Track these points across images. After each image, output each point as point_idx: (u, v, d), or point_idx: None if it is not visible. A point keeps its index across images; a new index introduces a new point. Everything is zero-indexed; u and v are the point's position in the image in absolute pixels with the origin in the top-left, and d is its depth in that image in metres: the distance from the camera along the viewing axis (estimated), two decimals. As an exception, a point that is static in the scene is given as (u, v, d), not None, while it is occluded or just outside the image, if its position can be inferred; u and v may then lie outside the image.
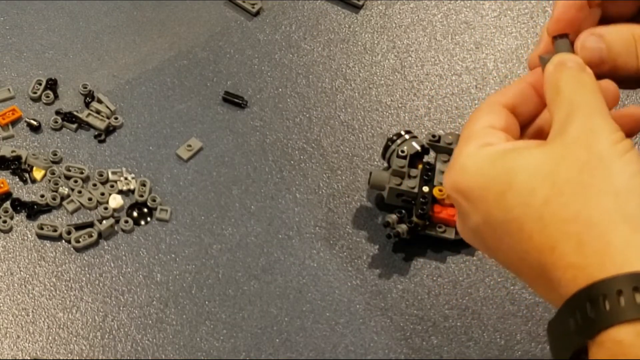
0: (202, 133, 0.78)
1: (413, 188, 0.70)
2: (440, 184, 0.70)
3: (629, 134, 0.53)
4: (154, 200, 0.73)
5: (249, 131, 0.78)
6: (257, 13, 0.86)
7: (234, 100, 0.80)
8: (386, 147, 0.74)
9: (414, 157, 0.72)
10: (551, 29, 0.55)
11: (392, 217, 0.70)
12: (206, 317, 0.68)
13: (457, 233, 0.65)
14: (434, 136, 0.72)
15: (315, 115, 0.80)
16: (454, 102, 0.82)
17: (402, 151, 0.71)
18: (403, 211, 0.70)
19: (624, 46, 0.52)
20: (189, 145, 0.77)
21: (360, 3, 0.87)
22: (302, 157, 0.77)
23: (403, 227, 0.70)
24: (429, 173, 0.71)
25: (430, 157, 0.73)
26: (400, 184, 0.70)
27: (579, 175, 0.48)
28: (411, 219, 0.70)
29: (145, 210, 0.73)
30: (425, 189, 0.70)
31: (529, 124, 0.55)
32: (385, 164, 0.75)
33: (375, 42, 0.86)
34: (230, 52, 0.83)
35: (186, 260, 0.71)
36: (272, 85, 0.82)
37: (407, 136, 0.73)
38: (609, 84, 0.53)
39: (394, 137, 0.73)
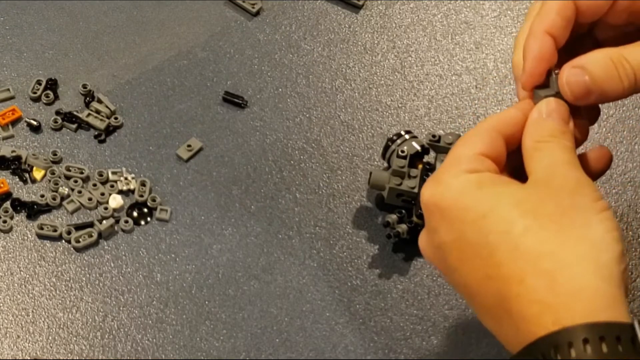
0: (202, 133, 0.78)
1: (413, 188, 0.70)
2: None
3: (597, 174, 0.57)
4: (154, 200, 0.73)
5: (249, 131, 0.78)
6: (257, 13, 0.86)
7: (234, 100, 0.80)
8: (386, 147, 0.74)
9: (414, 157, 0.72)
10: (526, 84, 0.56)
11: (392, 217, 0.70)
12: (206, 317, 0.68)
13: None
14: (434, 136, 0.72)
15: (315, 115, 0.80)
16: (454, 102, 0.82)
17: (402, 151, 0.71)
18: (403, 211, 0.70)
19: (605, 72, 0.53)
20: (189, 145, 0.77)
21: (360, 3, 0.87)
22: (302, 157, 0.77)
23: (403, 227, 0.70)
24: (429, 173, 0.71)
25: (430, 157, 0.73)
26: (400, 184, 0.70)
27: (560, 218, 0.49)
28: (411, 219, 0.70)
29: (145, 210, 0.73)
30: None
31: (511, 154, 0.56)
32: (385, 164, 0.75)
33: (375, 42, 0.86)
34: (230, 52, 0.83)
35: (186, 260, 0.71)
36: (272, 85, 0.82)
37: (407, 136, 0.73)
38: (581, 124, 0.56)
39: (394, 137, 0.73)
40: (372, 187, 0.72)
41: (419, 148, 0.72)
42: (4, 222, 0.71)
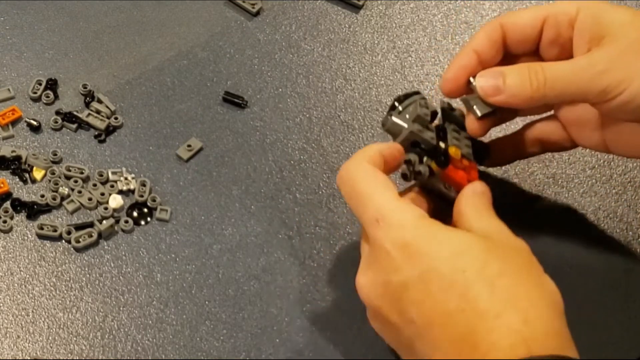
0: (202, 133, 0.78)
1: (432, 139, 0.64)
2: (456, 146, 0.66)
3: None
4: (154, 200, 0.73)
5: (249, 131, 0.78)
6: (257, 13, 0.86)
7: (234, 100, 0.80)
8: (399, 100, 0.67)
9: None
10: (443, 88, 0.66)
11: (414, 156, 0.64)
12: (206, 317, 0.68)
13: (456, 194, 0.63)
14: (448, 103, 0.69)
15: (315, 115, 0.80)
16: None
17: (425, 102, 0.66)
18: (420, 152, 0.65)
19: (519, 76, 0.61)
20: (189, 145, 0.77)
21: (360, 3, 0.87)
22: (302, 157, 0.77)
23: (424, 168, 0.63)
24: (443, 134, 0.67)
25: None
26: (421, 131, 0.64)
27: (526, 267, 0.55)
28: (429, 164, 0.64)
29: (145, 210, 0.73)
30: (442, 144, 0.66)
31: None
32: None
33: (375, 42, 0.86)
34: (230, 52, 0.84)
35: (186, 260, 0.71)
36: (272, 85, 0.82)
37: (420, 97, 0.68)
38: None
39: (410, 93, 0.67)
40: (387, 131, 0.65)
41: (435, 109, 0.67)
42: (4, 222, 0.71)
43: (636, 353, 0.69)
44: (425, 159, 0.64)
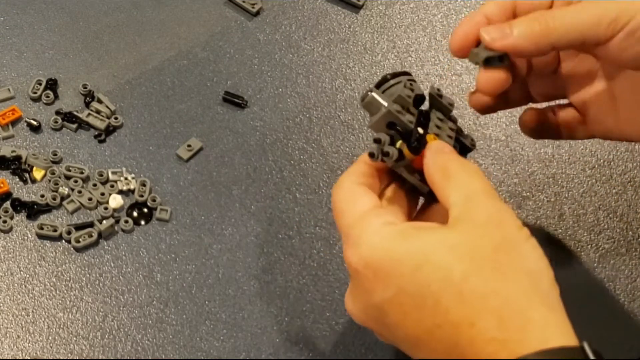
0: (202, 133, 0.78)
1: (410, 122, 0.61)
2: (435, 134, 0.62)
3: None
4: (154, 200, 0.73)
5: (249, 131, 0.78)
6: (257, 13, 0.86)
7: (234, 100, 0.80)
8: (385, 79, 0.64)
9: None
10: (452, 43, 0.62)
11: (385, 137, 0.60)
12: (206, 317, 0.68)
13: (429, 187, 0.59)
14: (438, 89, 0.65)
15: (315, 115, 0.80)
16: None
17: (412, 83, 0.63)
18: (395, 135, 0.61)
19: (528, 24, 0.59)
20: (189, 145, 0.77)
21: (360, 3, 0.87)
22: (302, 157, 0.77)
23: (393, 150, 0.59)
24: (424, 120, 0.62)
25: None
26: (399, 112, 0.61)
27: (495, 254, 0.50)
28: (401, 150, 0.60)
29: (145, 210, 0.73)
30: (420, 130, 0.61)
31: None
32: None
33: (375, 42, 0.86)
34: (230, 52, 0.84)
35: (186, 260, 0.71)
36: (272, 85, 0.82)
37: (408, 78, 0.65)
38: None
39: (398, 73, 0.64)
40: (364, 106, 0.62)
41: (423, 93, 0.64)
42: (4, 222, 0.71)
43: (636, 353, 0.69)
44: (399, 142, 0.60)
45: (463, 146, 0.64)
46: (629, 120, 0.64)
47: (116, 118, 0.78)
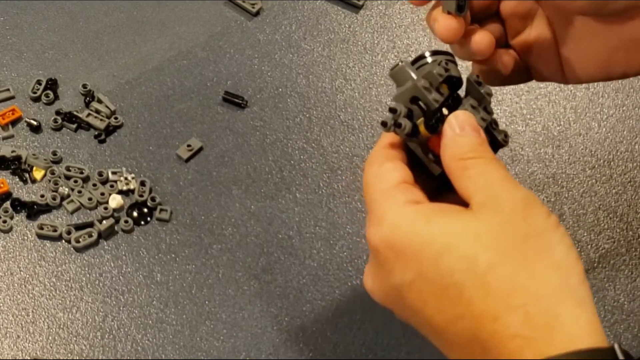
0: (202, 133, 0.78)
1: (436, 101, 0.59)
2: None
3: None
4: (154, 200, 0.73)
5: (249, 131, 0.78)
6: (257, 13, 0.86)
7: (234, 100, 0.80)
8: (422, 57, 0.62)
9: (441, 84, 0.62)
10: None
11: (402, 108, 0.58)
12: (206, 317, 0.68)
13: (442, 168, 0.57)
14: (478, 76, 0.62)
15: (315, 115, 0.80)
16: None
17: (447, 64, 0.61)
18: (417, 110, 0.59)
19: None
20: (189, 145, 0.77)
21: (360, 3, 0.87)
22: (302, 157, 0.77)
23: (407, 122, 0.57)
24: (452, 103, 0.61)
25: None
26: (427, 89, 0.59)
27: (522, 246, 0.48)
28: (417, 125, 0.59)
29: (145, 210, 0.73)
30: (445, 111, 0.60)
31: None
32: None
33: (375, 42, 0.86)
34: (230, 52, 0.84)
35: (186, 260, 0.71)
36: (272, 85, 0.82)
37: (450, 58, 0.63)
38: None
39: (438, 52, 0.63)
40: (392, 76, 0.60)
41: (460, 75, 0.61)
42: (4, 222, 0.71)
43: (636, 353, 0.69)
44: (420, 119, 0.58)
45: (494, 140, 0.61)
46: (570, 61, 0.61)
47: (116, 118, 0.78)
